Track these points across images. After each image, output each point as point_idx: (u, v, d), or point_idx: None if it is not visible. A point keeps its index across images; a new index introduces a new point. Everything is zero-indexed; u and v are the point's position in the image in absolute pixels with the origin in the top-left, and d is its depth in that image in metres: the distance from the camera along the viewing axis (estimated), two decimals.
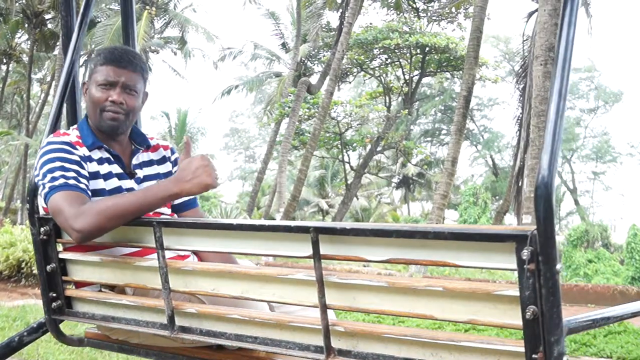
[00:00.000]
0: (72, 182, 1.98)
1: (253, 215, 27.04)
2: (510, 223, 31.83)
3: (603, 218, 40.50)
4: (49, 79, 29.69)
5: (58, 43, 24.61)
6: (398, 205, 41.61)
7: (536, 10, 16.98)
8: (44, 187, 2.00)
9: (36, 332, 2.43)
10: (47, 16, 26.83)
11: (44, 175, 2.01)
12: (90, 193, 2.02)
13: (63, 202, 1.93)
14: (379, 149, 27.42)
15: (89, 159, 2.12)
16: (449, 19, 27.06)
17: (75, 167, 2.04)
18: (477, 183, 37.70)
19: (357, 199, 33.22)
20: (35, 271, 8.77)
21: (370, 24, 27.03)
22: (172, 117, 37.82)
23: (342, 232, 1.60)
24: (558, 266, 1.34)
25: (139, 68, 2.20)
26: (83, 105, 2.40)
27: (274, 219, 22.90)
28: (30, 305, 6.53)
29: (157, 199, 1.92)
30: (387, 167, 36.82)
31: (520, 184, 19.96)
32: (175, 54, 31.27)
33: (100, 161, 2.15)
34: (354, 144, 27.44)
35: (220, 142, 60.31)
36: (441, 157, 37.71)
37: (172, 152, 2.39)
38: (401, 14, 26.62)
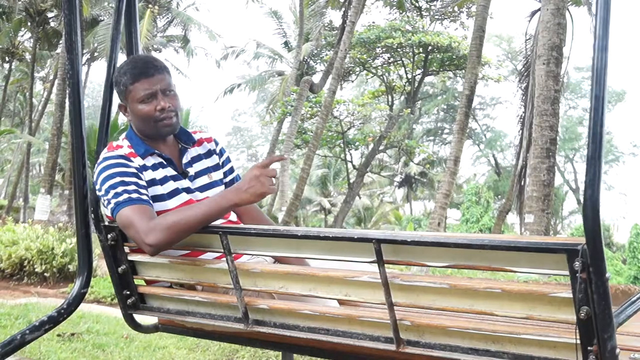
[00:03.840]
0: (134, 195, 2.10)
1: None
2: (512, 223, 31.84)
3: (605, 217, 40.43)
4: (51, 77, 29.70)
5: (61, 41, 24.62)
6: (400, 204, 41.61)
7: (539, 10, 16.97)
8: (109, 203, 2.11)
9: (38, 330, 2.43)
10: (49, 14, 26.83)
11: (107, 191, 2.12)
12: (151, 202, 2.13)
13: (132, 217, 2.05)
14: (381, 147, 27.39)
15: (144, 168, 2.22)
16: (451, 18, 27.03)
17: (134, 179, 2.14)
18: (480, 182, 37.66)
19: (360, 197, 33.23)
20: (37, 269, 8.79)
21: (373, 22, 27.00)
22: None
23: (403, 242, 1.70)
24: (607, 275, 1.45)
25: (165, 69, 2.28)
26: (86, 105, 2.40)
27: (276, 217, 22.91)
28: (32, 304, 6.53)
29: (220, 209, 2.04)
30: (390, 166, 36.82)
31: (522, 183, 19.95)
32: (177, 52, 31.34)
33: (154, 167, 2.25)
34: (357, 143, 27.41)
35: (222, 140, 59.97)
36: (443, 156, 37.68)
37: (216, 144, 2.48)
38: (404, 12, 26.58)
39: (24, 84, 32.10)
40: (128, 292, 2.31)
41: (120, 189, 2.10)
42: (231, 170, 2.47)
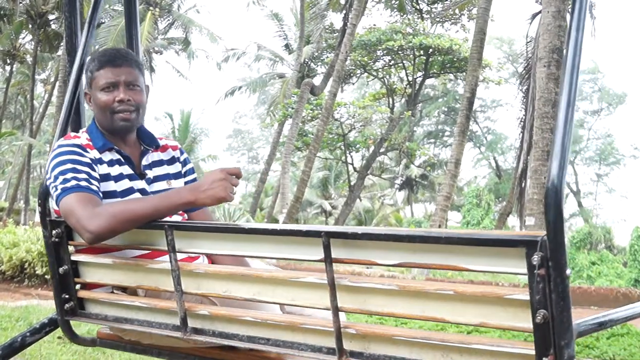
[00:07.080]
0: (84, 183, 2.00)
1: (256, 217, 27.04)
2: (513, 225, 31.81)
3: (606, 220, 40.43)
4: (52, 79, 29.75)
5: (62, 44, 24.65)
6: (401, 206, 41.59)
7: (540, 12, 16.97)
8: (55, 189, 2.01)
9: (39, 332, 2.43)
10: (51, 17, 26.89)
11: (56, 178, 2.02)
12: (101, 195, 2.04)
13: (76, 204, 1.94)
14: (382, 150, 27.42)
15: (100, 162, 2.13)
16: (452, 21, 27.04)
17: (87, 169, 2.05)
18: (480, 185, 37.66)
19: (360, 200, 33.21)
20: (38, 272, 8.80)
21: (374, 25, 27.06)
22: (175, 118, 37.77)
23: (353, 236, 1.60)
24: (568, 271, 1.35)
25: (135, 63, 2.21)
26: (86, 107, 2.40)
27: (277, 220, 22.90)
28: (33, 306, 6.53)
29: (172, 205, 1.95)
30: (390, 169, 36.81)
31: (523, 186, 19.96)
32: (178, 54, 31.36)
33: (111, 163, 2.16)
34: (357, 145, 27.43)
35: (223, 143, 60.42)
36: (444, 158, 37.66)
37: (181, 152, 2.39)
38: (405, 15, 26.60)
39: (25, 86, 32.14)
40: (67, 296, 2.17)
41: (69, 175, 2.01)
42: (194, 181, 2.37)
